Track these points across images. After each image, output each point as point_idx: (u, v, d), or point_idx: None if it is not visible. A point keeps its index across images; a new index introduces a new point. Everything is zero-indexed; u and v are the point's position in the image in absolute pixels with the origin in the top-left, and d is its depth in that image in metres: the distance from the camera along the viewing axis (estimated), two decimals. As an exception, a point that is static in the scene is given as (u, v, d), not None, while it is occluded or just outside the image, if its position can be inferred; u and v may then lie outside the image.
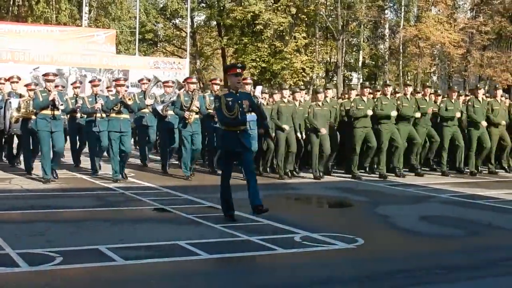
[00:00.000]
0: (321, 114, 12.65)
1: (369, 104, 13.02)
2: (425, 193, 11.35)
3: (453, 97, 13.81)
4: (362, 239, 7.18)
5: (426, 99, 13.80)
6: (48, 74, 11.51)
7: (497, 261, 6.46)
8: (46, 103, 11.13)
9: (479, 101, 13.80)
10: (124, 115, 11.84)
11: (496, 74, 28.85)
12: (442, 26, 29.03)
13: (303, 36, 30.28)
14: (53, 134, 11.28)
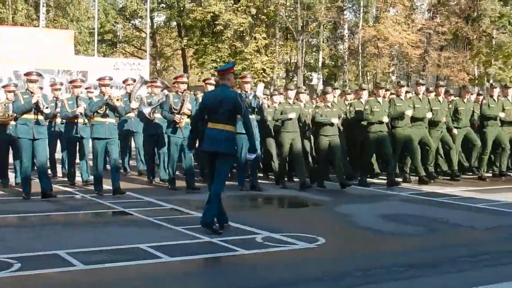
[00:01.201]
0: (330, 115, 11.68)
1: (384, 106, 12.10)
2: (385, 191, 11.49)
3: (466, 97, 13.38)
4: (323, 239, 7.24)
5: (439, 99, 12.96)
6: (31, 73, 10.14)
7: (455, 258, 6.56)
8: (29, 106, 9.75)
9: (494, 100, 13.33)
10: (110, 119, 10.58)
11: (453, 74, 29.34)
12: (400, 27, 29.41)
13: (263, 37, 30.34)
14: (35, 142, 9.91)
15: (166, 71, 39.40)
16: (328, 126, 11.59)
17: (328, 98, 11.84)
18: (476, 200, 10.51)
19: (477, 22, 29.98)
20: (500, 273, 5.90)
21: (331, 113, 11.68)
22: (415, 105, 12.39)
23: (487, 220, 8.75)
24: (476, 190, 11.71)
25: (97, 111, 10.50)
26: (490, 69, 29.63)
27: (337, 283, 5.57)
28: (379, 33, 29.05)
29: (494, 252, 6.77)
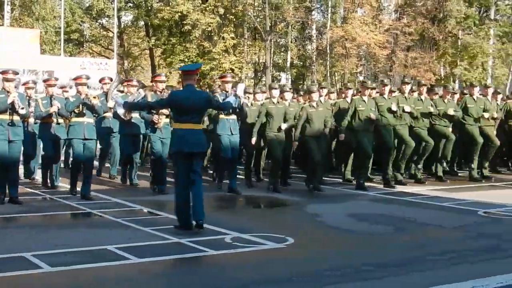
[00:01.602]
0: (316, 116, 11.36)
1: (370, 104, 11.79)
2: (354, 191, 11.54)
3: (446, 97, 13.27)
4: (292, 239, 7.24)
5: (422, 98, 12.83)
6: (7, 72, 9.60)
7: (423, 256, 6.61)
8: (4, 106, 9.26)
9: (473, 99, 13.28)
10: (87, 118, 10.22)
11: (420, 74, 29.60)
12: (367, 28, 29.60)
13: (231, 37, 30.28)
14: (10, 145, 9.38)
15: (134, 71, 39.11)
16: (312, 126, 11.29)
17: (313, 97, 11.51)
18: (443, 199, 10.62)
19: (443, 23, 30.31)
20: (467, 271, 5.95)
21: (316, 113, 11.35)
22: (399, 104, 12.23)
23: (454, 219, 8.85)
24: (443, 189, 11.83)
25: (74, 111, 10.15)
26: (456, 70, 30.01)
27: (306, 283, 5.57)
28: (346, 34, 29.19)
29: (461, 251, 6.84)
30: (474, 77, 29.40)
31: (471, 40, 30.01)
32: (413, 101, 12.53)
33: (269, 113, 11.34)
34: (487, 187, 12.24)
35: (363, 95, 11.83)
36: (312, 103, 11.44)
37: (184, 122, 7.74)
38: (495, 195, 11.09)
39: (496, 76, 30.59)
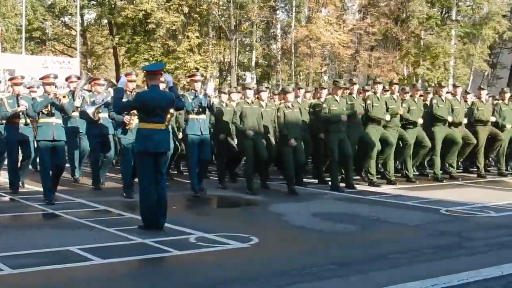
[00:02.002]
0: (292, 117, 11.21)
1: (342, 104, 11.66)
2: (318, 190, 11.60)
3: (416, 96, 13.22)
4: (256, 238, 7.25)
5: (394, 98, 12.67)
6: None
7: (386, 254, 6.69)
8: None
9: (442, 100, 13.20)
10: (56, 119, 9.74)
11: (383, 74, 29.87)
12: (331, 27, 29.77)
13: (196, 36, 30.18)
14: None
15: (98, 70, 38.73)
16: (288, 127, 11.12)
17: (288, 97, 11.35)
18: (406, 197, 10.74)
19: (405, 23, 30.61)
20: (429, 269, 6.04)
21: (292, 114, 11.22)
22: (374, 103, 12.16)
23: (416, 217, 8.96)
24: (407, 188, 11.97)
25: (42, 111, 9.68)
26: (419, 69, 30.34)
27: (271, 282, 5.58)
28: (311, 33, 29.31)
29: (423, 248, 6.93)
30: (436, 77, 29.77)
31: (433, 40, 30.37)
32: (386, 101, 12.43)
33: (243, 113, 11.15)
34: (451, 186, 12.41)
35: (335, 95, 11.71)
36: (288, 103, 11.29)
37: (150, 122, 7.76)
38: (458, 194, 11.25)
39: (457, 76, 30.99)
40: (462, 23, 31.99)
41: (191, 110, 10.62)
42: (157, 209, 7.71)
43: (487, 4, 31.82)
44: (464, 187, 12.28)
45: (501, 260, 6.30)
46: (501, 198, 10.66)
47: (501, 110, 13.93)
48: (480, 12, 32.13)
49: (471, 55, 31.38)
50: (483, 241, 7.37)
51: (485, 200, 10.37)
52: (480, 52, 31.62)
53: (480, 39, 31.88)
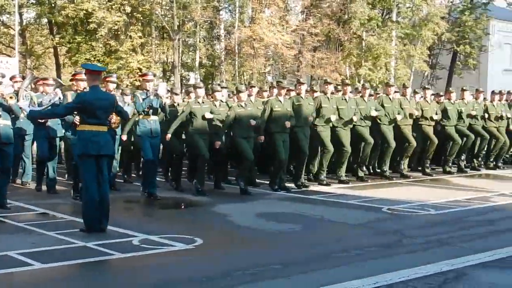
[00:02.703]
0: (245, 115, 11.15)
1: (286, 105, 11.60)
2: (262, 190, 11.62)
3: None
4: (201, 239, 7.23)
5: (346, 98, 12.72)
6: None
7: (329, 253, 6.76)
8: None
9: (389, 99, 13.43)
10: (4, 120, 9.20)
11: (326, 74, 30.14)
12: (275, 28, 29.90)
13: (139, 36, 29.84)
14: None
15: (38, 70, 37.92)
16: (243, 127, 11.13)
17: (242, 97, 11.32)
18: (350, 197, 10.87)
19: (347, 25, 30.98)
20: (370, 267, 6.13)
21: (245, 113, 11.20)
22: (323, 104, 12.18)
23: (359, 216, 9.08)
24: (350, 187, 12.12)
25: None
26: (361, 70, 30.77)
27: (215, 283, 5.57)
28: (254, 34, 29.37)
29: (365, 247, 7.03)
30: (378, 77, 30.26)
31: (374, 41, 30.84)
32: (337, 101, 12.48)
33: (193, 113, 11.03)
34: (393, 185, 12.62)
35: (279, 95, 11.72)
36: (241, 102, 11.26)
37: (92, 124, 7.65)
38: (399, 192, 11.47)
39: (398, 77, 31.55)
40: (402, 24, 32.61)
41: (141, 111, 10.45)
42: (99, 211, 7.61)
43: (426, 6, 32.53)
44: (406, 186, 12.50)
45: (440, 257, 6.44)
46: (441, 196, 10.91)
47: (446, 110, 14.23)
48: (419, 14, 32.83)
49: (412, 56, 32.04)
50: (423, 238, 7.52)
51: (425, 198, 10.59)
52: (420, 53, 32.31)
53: (420, 40, 32.57)
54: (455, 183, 12.89)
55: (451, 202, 10.28)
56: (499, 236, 7.77)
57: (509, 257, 6.50)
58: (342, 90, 13.02)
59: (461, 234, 7.79)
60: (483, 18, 35.99)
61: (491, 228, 8.26)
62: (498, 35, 40.89)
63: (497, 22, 40.93)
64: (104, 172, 7.80)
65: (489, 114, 14.92)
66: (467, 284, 5.56)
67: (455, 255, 6.57)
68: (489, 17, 37.01)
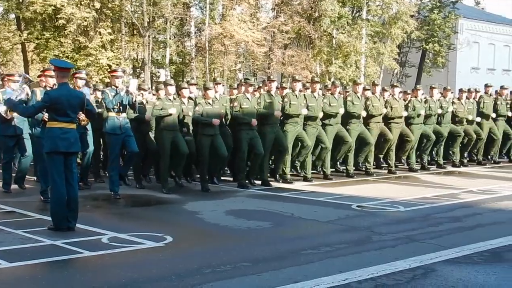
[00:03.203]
0: (212, 113, 11.13)
1: (253, 102, 11.68)
2: (231, 187, 11.60)
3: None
4: (171, 237, 7.21)
5: (315, 96, 12.65)
6: None
7: (299, 250, 6.78)
8: None
9: (358, 97, 13.41)
10: None
11: (297, 72, 30.22)
12: (245, 25, 29.88)
13: (108, 32, 29.58)
14: None
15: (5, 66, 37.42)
16: (210, 125, 11.06)
17: (209, 94, 11.28)
18: (320, 194, 10.92)
19: (318, 22, 31.10)
20: (340, 264, 6.16)
21: (212, 110, 11.16)
22: (291, 101, 12.13)
23: (329, 213, 9.12)
24: (320, 184, 12.17)
25: None
26: (331, 68, 30.90)
27: (185, 281, 5.56)
28: (225, 31, 29.33)
29: (334, 244, 7.07)
30: (348, 75, 30.41)
31: (344, 39, 31.01)
32: (307, 98, 12.43)
33: (164, 110, 10.90)
34: (362, 182, 12.70)
35: (246, 92, 11.75)
36: (208, 100, 11.23)
37: (61, 121, 7.58)
38: (369, 190, 11.54)
39: (368, 74, 31.76)
40: (372, 22, 32.83)
41: (111, 108, 10.33)
42: (68, 209, 7.54)
43: (395, 4, 32.80)
44: (375, 183, 12.59)
45: (408, 254, 6.51)
46: (410, 193, 11.01)
47: (414, 107, 14.32)
48: (389, 12, 33.08)
49: (381, 54, 32.26)
50: (392, 235, 7.58)
51: (394, 195, 10.69)
52: (390, 51, 32.56)
53: (390, 38, 32.83)
54: (424, 180, 13.02)
55: (420, 199, 10.38)
56: (467, 232, 7.88)
57: (476, 253, 6.59)
58: (311, 87, 13.00)
59: (430, 231, 7.87)
60: (452, 17, 36.42)
61: (459, 225, 8.35)
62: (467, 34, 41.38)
63: (465, 21, 41.42)
64: (73, 169, 7.74)
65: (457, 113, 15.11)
66: (435, 280, 5.61)
67: (424, 251, 6.64)
68: (457, 15, 37.46)
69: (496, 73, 43.98)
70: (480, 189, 11.58)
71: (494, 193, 11.07)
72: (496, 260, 6.36)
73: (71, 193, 7.61)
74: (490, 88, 16.37)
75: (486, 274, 5.81)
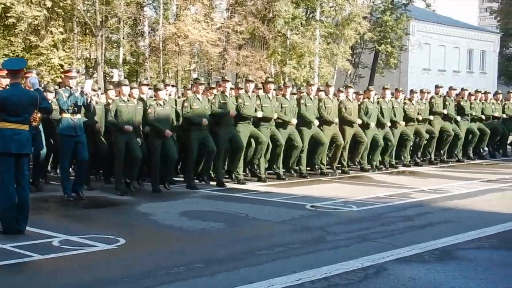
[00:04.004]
0: (164, 114, 11.03)
1: (204, 103, 11.65)
2: (187, 189, 11.52)
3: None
4: (123, 239, 7.14)
5: (269, 96, 12.64)
6: None
7: (253, 250, 6.79)
8: None
9: (310, 98, 13.43)
10: None
11: (251, 72, 30.30)
12: (200, 25, 29.79)
13: (60, 31, 29.15)
14: None
15: (-47, 66, 36.52)
16: (162, 126, 10.95)
17: (160, 95, 11.12)
18: (274, 194, 10.95)
19: (272, 23, 31.22)
20: (294, 264, 6.19)
21: (164, 111, 11.02)
22: (245, 102, 12.09)
23: (283, 213, 9.15)
24: (274, 185, 12.19)
25: None
26: (285, 68, 31.07)
27: (138, 283, 5.51)
28: (179, 31, 29.18)
29: (288, 244, 7.09)
30: (302, 75, 30.61)
31: (298, 40, 31.21)
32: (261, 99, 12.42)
33: (119, 111, 10.72)
34: (316, 182, 12.77)
35: (196, 93, 11.66)
36: (159, 101, 11.09)
37: (13, 122, 7.44)
38: (322, 190, 11.62)
39: (322, 75, 32.03)
40: (325, 23, 33.12)
41: (65, 109, 10.12)
42: (18, 212, 7.39)
43: (348, 5, 33.16)
44: (328, 183, 12.68)
45: (361, 253, 6.58)
46: (363, 193, 11.12)
47: (367, 108, 14.45)
48: (342, 13, 33.43)
49: (335, 55, 32.58)
50: (345, 235, 7.65)
51: (348, 195, 10.79)
52: (343, 52, 32.91)
53: (343, 39, 33.17)
54: (376, 180, 13.17)
55: (373, 198, 10.50)
56: (418, 231, 8.00)
57: (427, 252, 6.70)
58: (265, 88, 12.99)
59: (382, 230, 7.97)
60: (403, 19, 37.01)
61: (411, 224, 8.48)
62: (418, 35, 42.08)
63: (416, 23, 42.14)
64: (24, 171, 7.59)
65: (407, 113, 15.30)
66: (386, 279, 5.69)
67: (376, 250, 6.71)
68: (409, 17, 38.09)
69: (447, 74, 44.87)
70: (431, 188, 11.78)
71: (444, 192, 11.27)
72: (446, 258, 6.48)
73: (22, 196, 7.46)
74: (441, 89, 16.67)
75: (436, 272, 5.91)
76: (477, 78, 47.22)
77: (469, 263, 6.34)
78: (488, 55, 49.45)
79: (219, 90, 12.52)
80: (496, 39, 50.26)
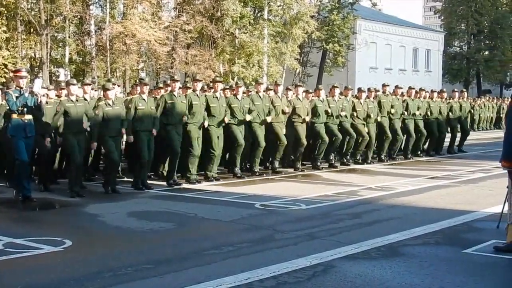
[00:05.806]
0: (113, 114, 10.81)
1: (150, 103, 11.55)
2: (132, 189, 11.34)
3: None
4: (70, 241, 7.03)
5: (217, 96, 12.50)
6: None
7: (202, 250, 6.77)
8: None
9: (259, 97, 13.41)
10: None
11: (200, 71, 30.20)
12: (147, 24, 29.55)
13: (3, 30, 28.55)
14: None
15: None
16: (110, 125, 10.76)
17: (109, 95, 10.93)
18: (223, 193, 10.93)
19: (220, 22, 31.21)
20: (243, 263, 6.21)
21: (113, 111, 10.80)
22: (193, 102, 11.98)
23: (231, 213, 9.15)
24: (223, 184, 12.16)
25: None
26: (234, 67, 31.09)
27: (84, 285, 5.44)
28: (126, 30, 28.89)
29: (237, 243, 7.10)
30: (251, 74, 30.67)
31: (247, 39, 31.27)
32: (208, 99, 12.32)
33: (67, 111, 10.46)
34: (267, 181, 12.79)
35: (142, 93, 11.56)
36: (109, 101, 10.89)
37: None
38: (272, 188, 11.65)
39: (270, 74, 32.16)
40: (273, 22, 33.26)
41: (15, 110, 9.84)
42: None
43: (296, 5, 33.36)
44: (278, 182, 12.73)
45: (309, 251, 6.63)
46: (312, 191, 11.19)
47: (316, 107, 14.53)
48: (290, 13, 33.62)
49: (283, 54, 32.76)
50: (294, 233, 7.69)
51: (297, 193, 10.84)
52: (291, 51, 33.11)
53: (291, 38, 33.37)
54: (325, 178, 13.28)
55: (321, 196, 10.58)
56: (365, 228, 8.09)
57: (374, 249, 6.80)
58: (213, 87, 12.97)
59: (330, 228, 8.05)
60: (350, 18, 37.48)
61: (358, 221, 8.58)
62: (365, 34, 42.67)
63: (363, 22, 42.73)
64: None
65: (356, 112, 15.43)
66: (334, 276, 5.75)
67: (324, 248, 6.78)
68: (355, 16, 38.60)
69: (393, 72, 45.63)
70: (378, 185, 11.94)
71: (391, 190, 11.43)
72: (392, 255, 6.59)
73: None
74: (387, 88, 16.91)
75: (382, 269, 6.01)
76: (423, 76, 48.22)
77: (415, 259, 6.46)
78: (433, 53, 50.55)
79: (167, 89, 12.43)
80: (440, 38, 51.40)
